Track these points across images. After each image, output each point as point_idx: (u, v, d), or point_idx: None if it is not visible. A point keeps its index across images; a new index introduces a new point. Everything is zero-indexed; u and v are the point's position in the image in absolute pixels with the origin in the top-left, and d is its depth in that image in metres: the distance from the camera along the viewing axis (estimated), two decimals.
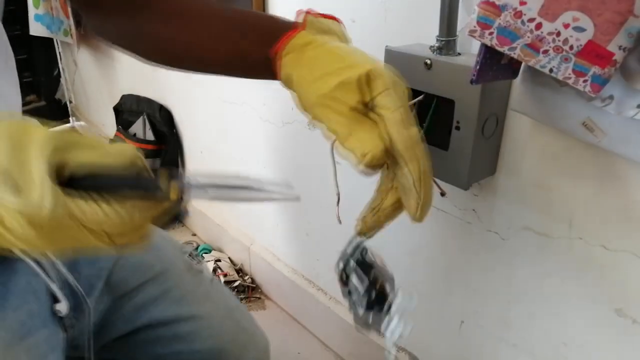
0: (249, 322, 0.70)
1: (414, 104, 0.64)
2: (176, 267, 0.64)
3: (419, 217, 0.40)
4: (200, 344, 0.63)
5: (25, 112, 0.57)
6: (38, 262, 0.51)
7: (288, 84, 0.43)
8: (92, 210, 0.29)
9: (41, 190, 0.28)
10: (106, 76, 1.83)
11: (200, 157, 1.45)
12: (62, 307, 0.52)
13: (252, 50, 0.45)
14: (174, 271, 0.64)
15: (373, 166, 0.37)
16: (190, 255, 0.68)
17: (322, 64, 0.40)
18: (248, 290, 1.32)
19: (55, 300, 0.52)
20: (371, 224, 0.44)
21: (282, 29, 0.44)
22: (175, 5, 0.50)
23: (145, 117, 1.53)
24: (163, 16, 0.49)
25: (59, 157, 0.29)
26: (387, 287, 0.44)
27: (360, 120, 0.38)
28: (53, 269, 0.53)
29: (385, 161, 0.38)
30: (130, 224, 0.31)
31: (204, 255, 1.41)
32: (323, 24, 0.45)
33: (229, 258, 1.40)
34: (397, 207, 0.42)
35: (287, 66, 0.42)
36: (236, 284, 1.31)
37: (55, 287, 0.51)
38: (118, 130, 1.62)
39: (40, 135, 0.29)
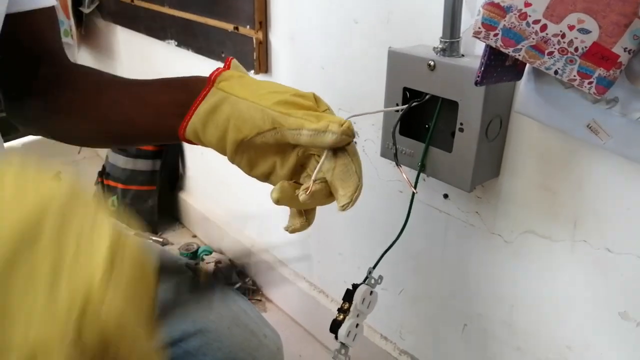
0: (257, 324, 0.69)
1: (412, 104, 0.64)
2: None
3: (353, 201, 0.43)
4: (212, 356, 0.63)
5: None
6: None
7: (219, 105, 0.45)
8: None
9: None
10: None
11: (201, 158, 1.45)
12: None
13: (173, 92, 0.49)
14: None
15: (351, 133, 0.42)
16: (187, 266, 0.67)
17: (267, 86, 0.45)
18: (249, 292, 1.31)
19: None
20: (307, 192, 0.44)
21: (196, 79, 0.48)
22: (95, 84, 0.54)
23: None
24: (85, 93, 0.53)
25: None
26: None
27: (320, 115, 0.43)
28: None
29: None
30: None
31: (204, 257, 1.40)
32: (242, 68, 0.49)
33: (230, 260, 1.40)
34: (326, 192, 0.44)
35: (225, 88, 0.46)
36: (237, 286, 1.30)
37: None
38: None
39: None
